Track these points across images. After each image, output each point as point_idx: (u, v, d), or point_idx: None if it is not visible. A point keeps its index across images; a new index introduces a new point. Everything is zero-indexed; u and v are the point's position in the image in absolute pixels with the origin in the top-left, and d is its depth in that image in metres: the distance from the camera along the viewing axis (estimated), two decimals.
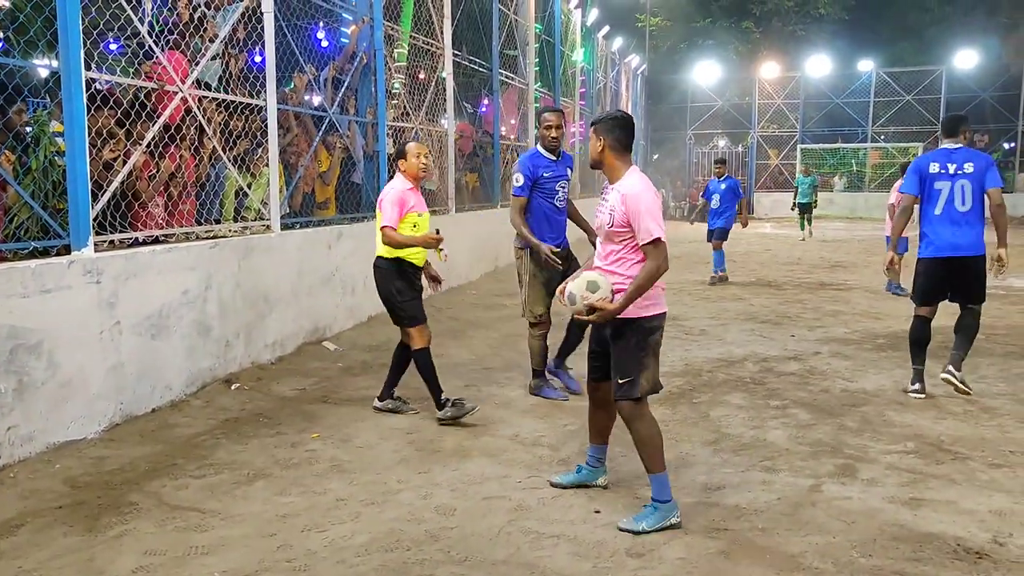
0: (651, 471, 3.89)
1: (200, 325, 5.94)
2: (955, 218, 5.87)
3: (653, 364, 3.89)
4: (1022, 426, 5.28)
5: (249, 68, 7.13)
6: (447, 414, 5.38)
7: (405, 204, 5.38)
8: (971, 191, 5.83)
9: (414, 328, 5.47)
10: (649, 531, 3.77)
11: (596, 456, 4.35)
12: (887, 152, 29.97)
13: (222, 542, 3.67)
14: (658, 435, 3.91)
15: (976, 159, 5.90)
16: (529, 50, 15.51)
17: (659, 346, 3.95)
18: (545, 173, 5.87)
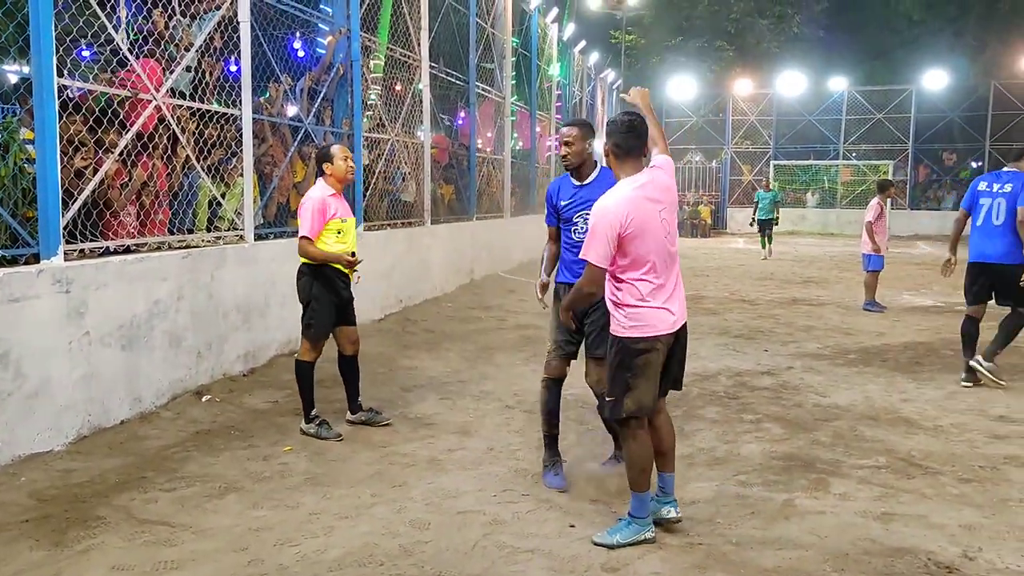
0: (633, 489, 3.85)
1: (171, 336, 5.87)
2: (989, 230, 6.84)
3: (642, 385, 3.73)
4: (991, 441, 5.35)
5: (224, 77, 7.08)
6: (310, 429, 5.34)
7: (327, 211, 5.30)
8: (1005, 208, 6.74)
9: (310, 342, 5.46)
10: (623, 544, 3.77)
11: (659, 485, 4.01)
12: (858, 169, 30.39)
13: (192, 557, 3.62)
14: (647, 458, 3.84)
15: (1016, 180, 6.77)
16: (506, 63, 15.56)
17: (651, 368, 3.75)
18: (563, 201, 4.62)
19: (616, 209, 3.66)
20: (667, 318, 3.77)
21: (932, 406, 6.21)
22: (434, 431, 5.49)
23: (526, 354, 8.03)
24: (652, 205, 3.73)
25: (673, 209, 3.85)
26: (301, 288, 5.46)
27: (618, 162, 3.83)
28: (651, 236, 3.70)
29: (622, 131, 3.79)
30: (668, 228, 3.78)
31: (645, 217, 3.68)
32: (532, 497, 4.34)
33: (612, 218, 3.64)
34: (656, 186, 3.78)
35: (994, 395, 6.54)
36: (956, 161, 30.59)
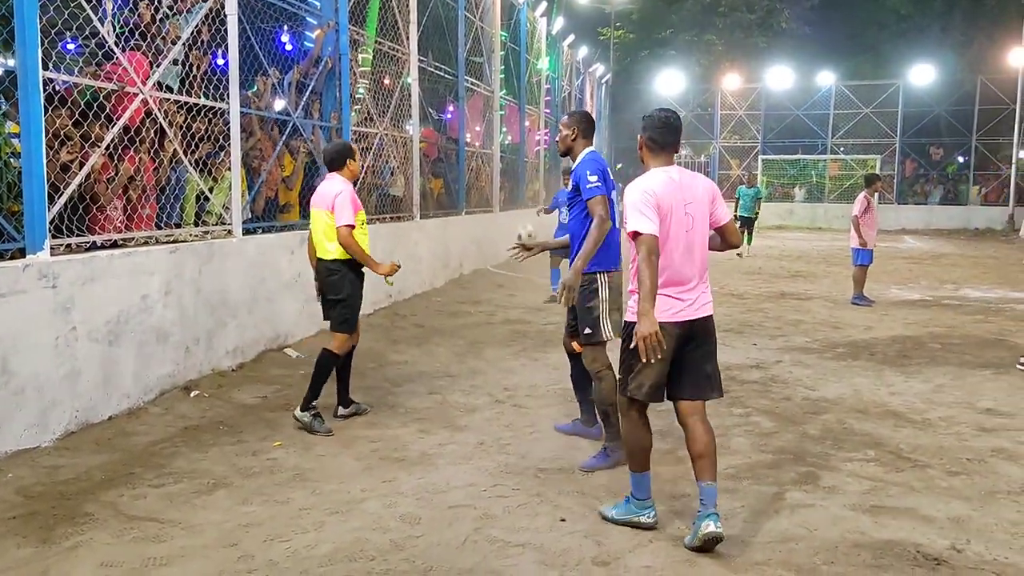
0: (630, 468, 3.94)
1: (159, 331, 5.83)
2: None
3: (645, 369, 3.72)
4: (979, 434, 5.38)
5: (212, 70, 7.04)
6: (304, 418, 5.31)
7: (357, 202, 5.44)
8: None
9: (345, 335, 5.51)
10: (616, 520, 3.89)
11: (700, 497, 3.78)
12: (846, 164, 30.51)
13: (181, 553, 3.60)
14: (635, 440, 3.91)
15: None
16: (495, 57, 15.53)
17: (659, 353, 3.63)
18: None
19: (646, 186, 3.75)
20: (675, 305, 3.77)
21: (920, 399, 6.24)
22: (424, 426, 5.48)
23: (515, 348, 8.03)
24: (680, 194, 3.78)
25: (702, 208, 3.85)
26: (335, 285, 5.45)
27: (651, 154, 3.91)
28: (672, 222, 3.75)
29: (658, 126, 3.88)
30: (692, 223, 3.81)
31: (671, 202, 3.75)
32: (523, 491, 4.34)
33: (645, 191, 3.73)
34: (687, 181, 3.85)
35: (981, 388, 6.58)
36: (943, 155, 30.74)
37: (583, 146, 4.98)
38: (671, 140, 3.89)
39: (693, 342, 3.84)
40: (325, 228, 5.39)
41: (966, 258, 18.53)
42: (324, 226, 5.40)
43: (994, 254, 19.43)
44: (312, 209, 5.54)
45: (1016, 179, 27.57)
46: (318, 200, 5.47)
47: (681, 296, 3.80)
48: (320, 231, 5.44)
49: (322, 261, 5.47)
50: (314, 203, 5.52)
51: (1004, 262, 17.55)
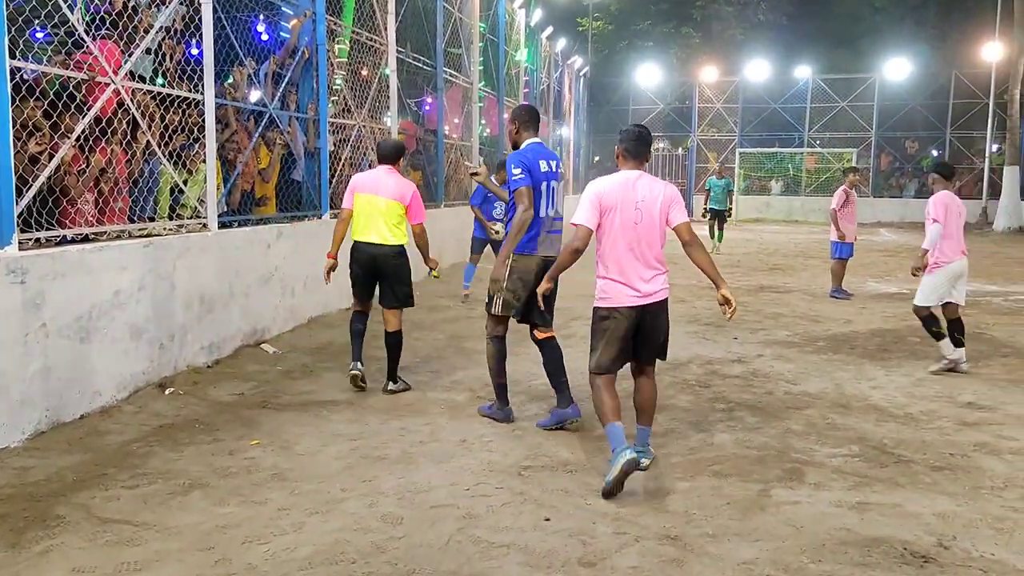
0: (604, 422, 4.45)
1: (132, 327, 5.70)
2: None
3: (601, 347, 4.48)
4: (960, 428, 5.38)
5: (186, 60, 6.89)
6: (400, 386, 6.11)
7: None
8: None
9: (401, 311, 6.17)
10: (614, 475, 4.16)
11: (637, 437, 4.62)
12: (823, 157, 30.69)
13: (156, 557, 3.49)
14: (602, 403, 4.45)
15: None
16: (473, 49, 15.41)
17: (611, 334, 4.46)
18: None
19: (600, 184, 4.51)
20: (628, 292, 4.45)
21: (901, 393, 6.24)
22: (405, 423, 5.40)
23: None
24: (632, 193, 4.44)
25: (653, 207, 4.46)
26: (403, 268, 6.09)
27: (624, 160, 4.59)
28: (622, 216, 4.42)
29: (632, 139, 4.56)
30: (641, 217, 4.43)
31: (623, 199, 4.43)
32: (506, 490, 4.27)
33: (597, 189, 4.49)
34: (644, 186, 4.48)
35: (960, 382, 6.60)
36: (918, 149, 31.01)
37: (526, 137, 5.35)
38: (641, 151, 4.56)
39: (647, 322, 4.51)
40: (396, 216, 5.96)
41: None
42: (394, 214, 5.95)
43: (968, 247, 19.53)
44: (373, 196, 5.95)
45: (989, 173, 27.85)
46: (385, 190, 5.95)
47: (634, 285, 4.45)
48: (388, 218, 5.94)
49: (387, 246, 5.97)
50: (379, 191, 5.95)
51: (978, 255, 17.65)
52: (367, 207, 5.96)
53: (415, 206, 6.03)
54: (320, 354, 7.27)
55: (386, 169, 6.09)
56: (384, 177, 6.03)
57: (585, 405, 5.27)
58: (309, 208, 8.78)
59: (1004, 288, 12.40)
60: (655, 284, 4.49)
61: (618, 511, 4.02)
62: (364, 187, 6.03)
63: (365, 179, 6.13)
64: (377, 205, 5.93)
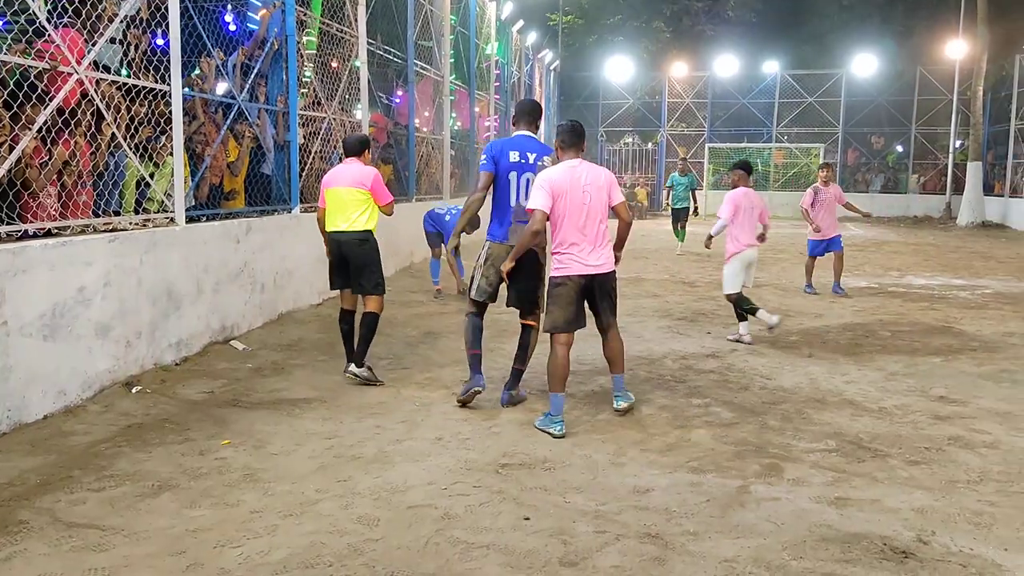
0: (550, 390, 5.23)
1: (98, 324, 5.55)
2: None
3: (555, 311, 5.23)
4: (934, 422, 5.41)
5: (152, 51, 6.72)
6: (363, 373, 6.09)
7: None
8: None
9: (381, 295, 6.29)
10: (538, 428, 5.10)
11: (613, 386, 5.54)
12: (790, 152, 30.93)
13: (125, 562, 3.39)
14: (558, 367, 5.21)
15: None
16: (444, 41, 15.29)
17: (564, 299, 5.20)
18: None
19: (550, 173, 5.21)
20: (579, 263, 5.18)
21: (875, 388, 6.27)
22: (380, 421, 5.31)
23: None
24: (578, 179, 5.18)
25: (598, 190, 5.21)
26: (370, 253, 6.22)
27: (562, 151, 5.33)
28: (572, 200, 5.14)
29: (567, 131, 5.34)
30: (589, 199, 5.17)
31: (571, 185, 5.14)
32: (484, 488, 4.21)
33: (548, 177, 5.17)
34: (586, 171, 5.24)
35: (932, 375, 6.65)
36: (884, 144, 31.37)
37: (515, 130, 5.78)
38: (575, 141, 5.31)
39: (597, 289, 5.28)
40: (360, 203, 6.13)
41: (907, 245, 18.90)
42: (355, 200, 6.12)
43: (934, 241, 19.86)
44: (336, 188, 6.17)
45: (953, 168, 28.25)
46: (346, 179, 6.17)
47: (582, 258, 5.19)
48: (349, 205, 6.12)
49: (353, 233, 6.13)
50: (339, 182, 6.18)
51: (943, 249, 17.95)
52: (334, 199, 6.20)
53: (377, 188, 6.19)
54: (291, 351, 7.15)
55: (350, 161, 6.31)
56: (346, 168, 6.27)
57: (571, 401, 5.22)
58: (279, 202, 8.63)
59: (970, 282, 12.56)
60: (602, 257, 5.25)
61: (598, 509, 3.97)
62: (330, 183, 6.26)
63: (331, 175, 6.34)
64: (340, 195, 6.17)
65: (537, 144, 5.64)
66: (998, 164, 26.86)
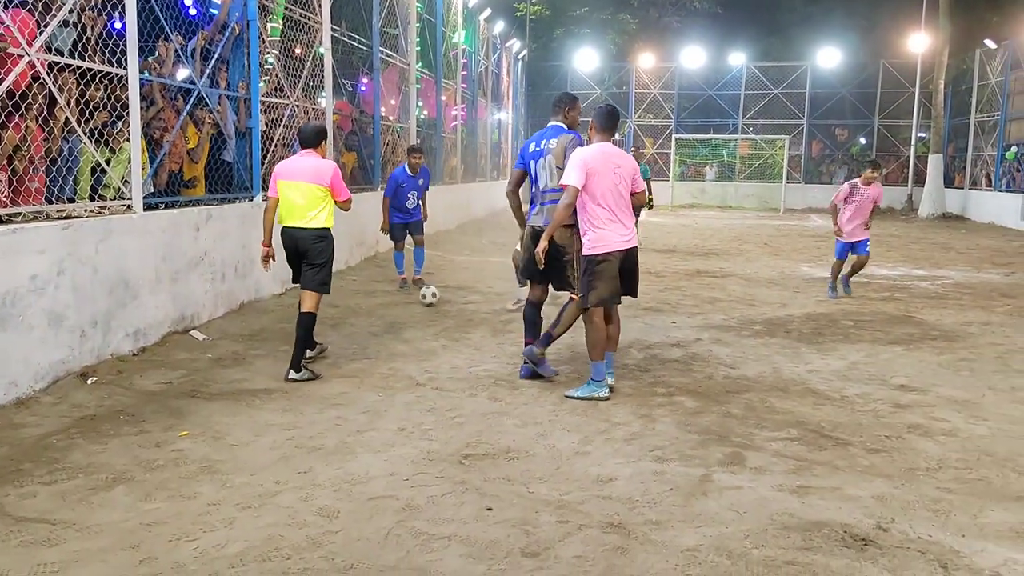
0: (591, 359, 5.61)
1: (51, 314, 5.41)
2: None
3: (602, 285, 5.52)
4: (895, 411, 5.46)
5: (108, 34, 6.55)
6: (303, 376, 5.90)
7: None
8: None
9: (322, 295, 6.19)
10: (580, 398, 5.50)
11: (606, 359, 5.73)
12: (756, 144, 31.16)
13: (76, 557, 3.30)
14: (600, 338, 5.60)
15: None
16: (410, 29, 15.14)
17: (608, 273, 5.51)
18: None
19: (585, 153, 5.56)
20: (619, 238, 5.53)
21: (837, 377, 6.32)
22: (341, 412, 5.24)
23: (436, 329, 7.83)
24: (608, 159, 5.54)
25: (626, 172, 5.60)
26: (324, 250, 6.10)
27: (596, 134, 5.72)
28: (605, 178, 5.48)
29: (604, 115, 5.73)
30: (620, 179, 5.54)
31: (603, 164, 5.50)
32: (447, 479, 4.17)
33: (584, 156, 5.52)
34: (616, 153, 5.66)
35: (893, 365, 6.72)
36: (848, 136, 31.72)
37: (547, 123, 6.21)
38: (609, 125, 5.73)
39: (628, 263, 5.64)
40: (319, 200, 6.02)
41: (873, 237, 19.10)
42: (315, 197, 6.00)
43: (895, 232, 20.12)
44: (292, 181, 6.00)
45: (915, 161, 28.65)
46: (303, 174, 5.99)
47: (621, 233, 5.54)
48: (308, 201, 5.99)
49: (308, 229, 6.00)
50: (297, 176, 6.00)
51: (905, 240, 18.19)
52: (289, 193, 6.03)
53: (336, 185, 6.09)
54: (252, 341, 7.04)
55: (306, 153, 6.14)
56: (303, 161, 6.10)
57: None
58: (240, 190, 8.49)
59: (931, 273, 12.74)
60: (630, 232, 5.63)
61: (561, 499, 3.95)
62: (285, 174, 6.07)
63: (286, 166, 6.15)
64: (298, 190, 6.01)
65: (553, 130, 6.07)
66: (958, 157, 27.31)
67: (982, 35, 25.36)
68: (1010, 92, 23.34)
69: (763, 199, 29.80)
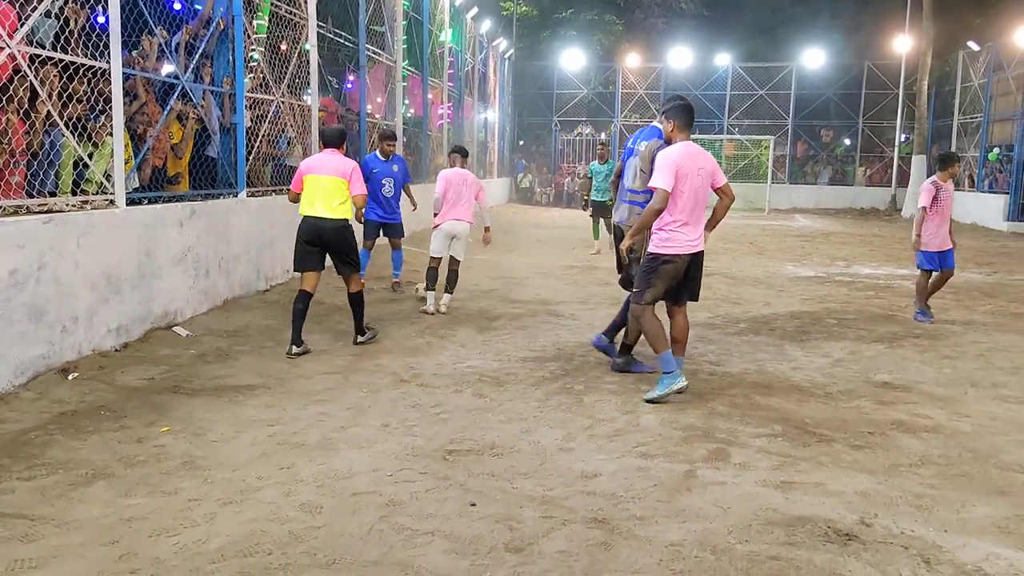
0: (656, 351, 5.53)
1: (32, 308, 5.35)
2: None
3: (657, 284, 5.52)
4: (878, 408, 5.49)
5: (91, 28, 6.49)
6: (370, 337, 6.95)
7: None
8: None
9: (357, 274, 6.88)
10: (660, 398, 5.38)
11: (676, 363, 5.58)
12: (741, 144, 31.27)
13: (54, 553, 3.26)
14: (657, 328, 5.52)
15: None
16: (397, 27, 15.09)
17: (669, 275, 5.49)
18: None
19: (673, 154, 5.41)
20: (687, 241, 5.47)
21: (821, 374, 6.34)
22: (325, 408, 5.21)
23: (420, 326, 7.80)
24: (694, 160, 5.43)
25: (708, 173, 5.51)
26: (349, 238, 6.74)
27: (678, 132, 5.53)
28: (690, 180, 5.39)
29: (682, 112, 5.52)
30: (702, 182, 5.46)
31: (690, 166, 5.39)
32: (430, 475, 4.15)
33: (673, 157, 5.39)
34: (699, 152, 5.52)
35: (877, 362, 6.75)
36: (832, 137, 31.89)
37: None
38: (689, 122, 5.54)
39: (693, 267, 5.60)
40: (340, 192, 6.61)
41: (854, 236, 19.24)
42: (338, 189, 6.60)
43: (879, 232, 20.25)
44: (318, 175, 6.61)
45: (898, 161, 28.85)
46: (327, 169, 6.62)
47: (691, 236, 5.48)
48: (332, 193, 6.59)
49: (331, 219, 6.59)
50: (323, 170, 6.62)
51: (889, 240, 18.31)
52: (313, 186, 6.61)
53: (355, 180, 6.67)
54: (236, 337, 6.99)
55: (330, 152, 6.73)
56: (327, 158, 6.70)
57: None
58: (224, 186, 8.44)
59: (914, 272, 12.78)
60: (700, 235, 5.57)
61: (545, 494, 3.94)
62: (310, 169, 6.67)
63: (311, 162, 6.76)
64: (321, 183, 6.58)
65: (650, 131, 6.03)
66: None
67: (965, 37, 25.56)
68: (993, 94, 23.53)
69: (748, 199, 29.86)
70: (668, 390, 5.38)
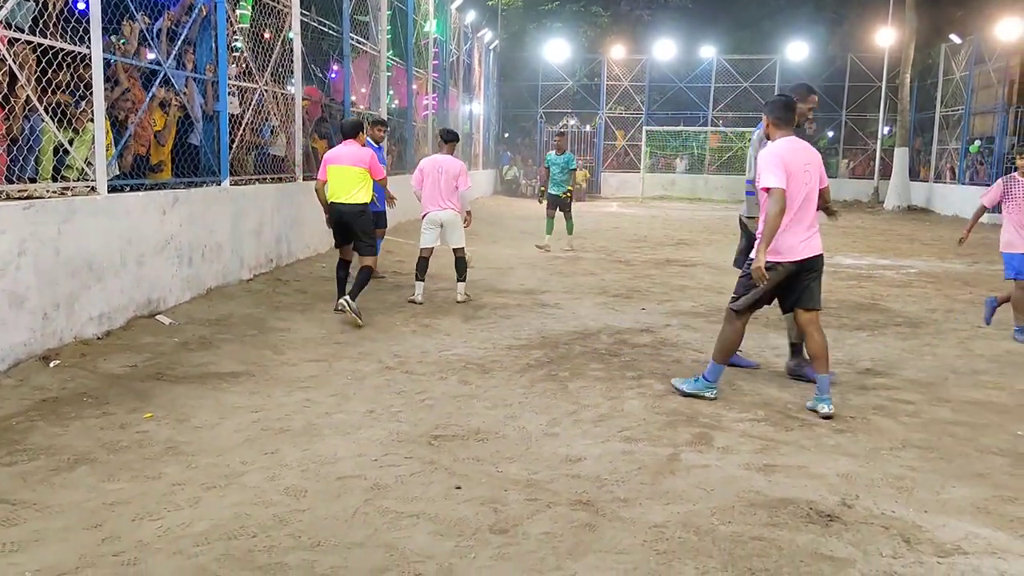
0: (714, 359, 5.26)
1: (12, 295, 5.30)
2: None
3: (754, 293, 5.14)
4: (860, 393, 5.54)
5: (71, 12, 6.42)
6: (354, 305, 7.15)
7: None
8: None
9: (375, 255, 7.75)
10: (687, 393, 5.25)
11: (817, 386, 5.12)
12: (726, 136, 31.36)
13: (36, 537, 3.24)
14: (734, 342, 5.29)
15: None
16: (381, 16, 15.02)
17: (768, 283, 5.01)
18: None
19: (781, 151, 4.96)
20: (791, 245, 4.99)
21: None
22: (310, 394, 5.20)
23: (405, 315, 7.80)
24: (798, 155, 4.99)
25: (816, 169, 5.08)
26: (367, 221, 7.60)
27: (777, 129, 5.11)
28: (795, 179, 4.94)
29: (782, 107, 5.12)
30: (810, 179, 5.03)
31: (796, 163, 4.95)
32: (416, 459, 4.15)
33: (779, 153, 4.94)
34: (804, 148, 5.07)
35: (859, 349, 6.81)
36: (816, 130, 32.01)
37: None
38: (790, 117, 5.09)
39: (813, 272, 5.15)
40: (360, 179, 7.44)
41: (836, 228, 19.27)
42: (357, 177, 7.43)
43: (862, 224, 20.38)
44: (340, 165, 7.44)
45: (881, 154, 29.03)
46: (347, 159, 7.45)
47: (799, 238, 5.01)
48: (352, 180, 7.42)
49: (351, 204, 7.42)
50: (343, 161, 7.44)
51: (871, 231, 18.44)
52: (336, 175, 7.45)
53: (374, 166, 7.53)
54: (219, 325, 6.96)
55: (348, 142, 7.56)
56: (346, 149, 7.52)
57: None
58: (207, 174, 8.38)
59: (896, 262, 12.92)
60: (814, 239, 5.11)
61: (530, 478, 3.96)
62: (333, 160, 7.52)
63: (334, 153, 7.59)
64: (343, 172, 7.43)
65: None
66: (924, 150, 27.70)
67: (948, 30, 25.75)
68: (974, 87, 23.72)
69: (732, 191, 29.99)
70: (695, 392, 5.25)
